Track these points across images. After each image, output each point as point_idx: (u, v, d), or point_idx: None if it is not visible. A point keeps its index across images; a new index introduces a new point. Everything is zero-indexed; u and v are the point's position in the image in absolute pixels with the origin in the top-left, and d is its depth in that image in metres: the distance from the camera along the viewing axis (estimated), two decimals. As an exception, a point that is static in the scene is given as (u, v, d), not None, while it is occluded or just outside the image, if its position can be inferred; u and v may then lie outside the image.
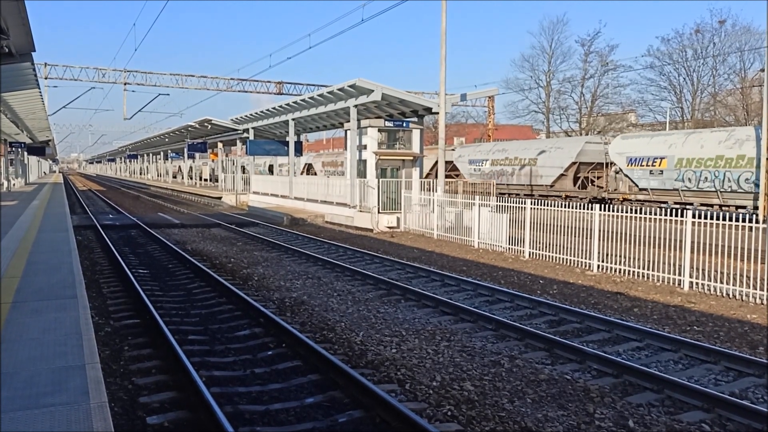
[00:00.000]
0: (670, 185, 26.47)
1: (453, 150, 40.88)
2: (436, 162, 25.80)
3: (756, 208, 22.25)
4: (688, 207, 18.59)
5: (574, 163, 32.16)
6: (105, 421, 3.84)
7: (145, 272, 13.12)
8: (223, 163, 53.82)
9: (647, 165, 27.38)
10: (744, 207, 23.34)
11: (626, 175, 28.72)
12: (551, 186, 32.93)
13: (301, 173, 47.63)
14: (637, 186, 28.04)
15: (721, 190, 24.60)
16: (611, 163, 29.93)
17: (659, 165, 26.75)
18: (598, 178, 31.51)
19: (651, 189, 27.43)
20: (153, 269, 13.58)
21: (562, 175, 32.50)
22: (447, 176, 28.20)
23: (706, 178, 25.03)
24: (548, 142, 36.80)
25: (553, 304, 9.94)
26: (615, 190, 29.62)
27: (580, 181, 32.25)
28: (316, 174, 47.61)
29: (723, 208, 23.80)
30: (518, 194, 28.16)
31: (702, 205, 24.56)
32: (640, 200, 27.07)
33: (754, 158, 23.06)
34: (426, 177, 27.11)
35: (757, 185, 22.56)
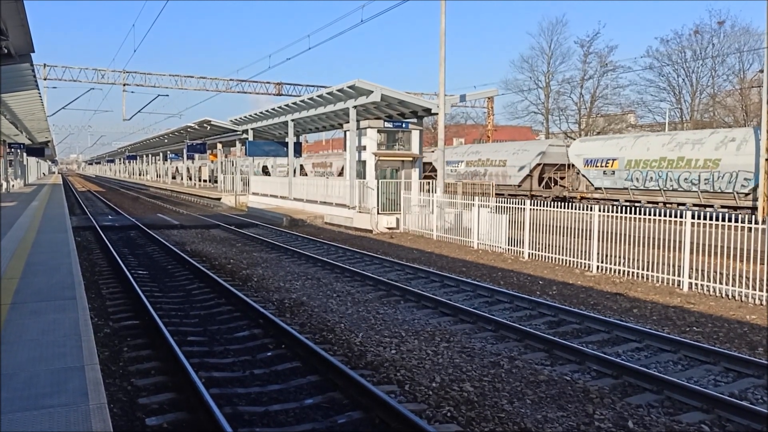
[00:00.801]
0: (621, 184, 28.57)
1: (432, 152, 42.03)
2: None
3: (696, 205, 24.47)
4: (636, 204, 20.17)
5: (538, 164, 34.37)
6: (104, 423, 3.84)
7: (144, 273, 13.11)
8: (222, 164, 53.80)
9: (601, 166, 29.80)
10: (684, 204, 25.16)
11: (584, 176, 30.92)
12: (519, 186, 34.78)
13: (294, 174, 47.89)
14: (593, 185, 30.16)
15: (664, 188, 26.69)
16: (572, 164, 31.92)
17: (611, 166, 29.06)
18: (562, 178, 33.35)
19: (605, 188, 29.58)
20: (152, 270, 13.57)
21: (528, 175, 34.61)
22: (427, 177, 30.01)
23: (651, 177, 27.10)
24: (516, 145, 38.74)
25: (553, 305, 9.94)
26: (575, 189, 31.53)
27: (544, 182, 34.30)
28: (306, 174, 48.08)
29: (666, 205, 25.68)
30: (489, 193, 29.17)
31: (648, 202, 26.30)
32: (595, 198, 29.13)
33: (692, 159, 25.54)
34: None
35: (694, 184, 25.29)
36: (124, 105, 44.26)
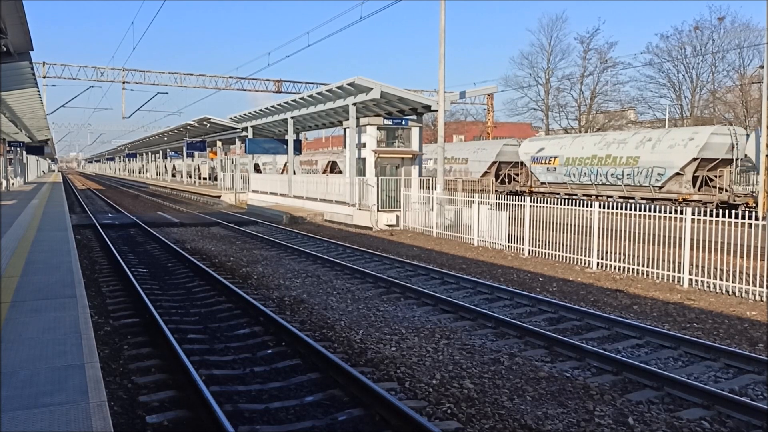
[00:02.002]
0: (561, 179, 31.98)
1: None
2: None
3: (621, 197, 27.31)
4: (573, 197, 23.41)
5: (495, 162, 38.20)
6: (104, 421, 3.83)
7: (144, 271, 13.11)
8: (222, 162, 53.79)
9: (545, 163, 33.19)
10: (611, 196, 28.35)
11: (531, 172, 34.49)
12: (479, 182, 36.87)
13: (282, 172, 48.28)
14: (539, 180, 33.45)
15: (596, 183, 30.00)
16: (522, 162, 35.74)
17: (553, 163, 32.41)
18: (517, 174, 36.92)
19: (548, 183, 32.83)
20: (152, 268, 13.57)
21: (486, 172, 37.96)
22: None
23: (585, 173, 30.53)
24: (476, 145, 42.90)
25: (553, 302, 9.94)
26: (525, 184, 34.88)
27: (500, 178, 37.78)
28: (294, 172, 48.40)
29: (598, 197, 28.35)
30: (455, 188, 31.68)
31: (584, 195, 29.48)
32: (541, 192, 31.85)
33: (617, 157, 28.86)
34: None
35: (619, 178, 28.65)
36: (123, 103, 44.29)
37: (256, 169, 52.56)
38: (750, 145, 24.68)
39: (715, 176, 26.04)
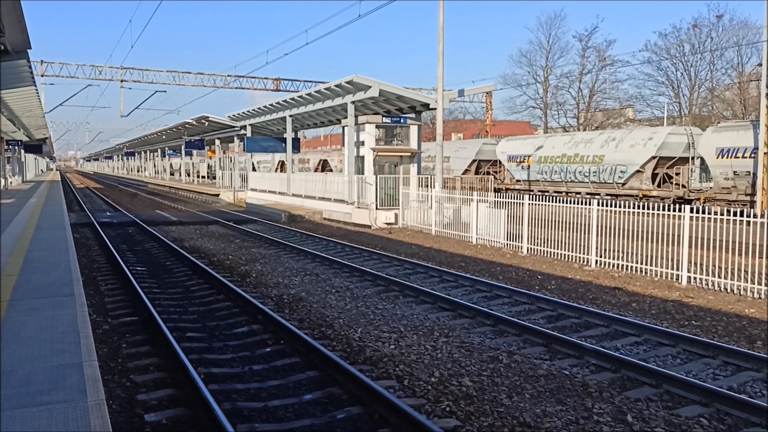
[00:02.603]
0: (534, 177, 33.70)
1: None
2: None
3: (588, 193, 28.85)
4: (546, 193, 25.20)
5: (474, 160, 39.62)
6: (102, 419, 3.83)
7: (142, 270, 13.10)
8: (220, 160, 53.75)
9: (519, 161, 35.18)
10: (579, 192, 29.67)
11: (507, 170, 36.36)
12: (460, 179, 39.06)
13: (276, 170, 48.57)
14: (515, 178, 35.19)
15: (566, 180, 31.72)
16: (500, 160, 37.51)
17: (527, 161, 34.30)
18: (496, 172, 37.82)
19: (522, 180, 34.55)
20: (151, 267, 13.56)
21: (466, 170, 39.22)
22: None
23: (555, 171, 32.31)
24: (458, 144, 44.85)
25: (552, 300, 9.94)
26: (503, 181, 36.36)
27: (480, 175, 37.78)
28: (286, 171, 49.03)
29: (567, 194, 28.88)
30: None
31: (555, 192, 30.39)
32: (516, 189, 33.56)
33: (585, 156, 30.54)
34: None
35: (586, 176, 30.42)
36: (122, 101, 44.20)
37: (253, 168, 52.72)
38: (702, 145, 25.67)
39: (675, 173, 27.39)
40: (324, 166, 51.61)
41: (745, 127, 24.26)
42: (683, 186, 26.80)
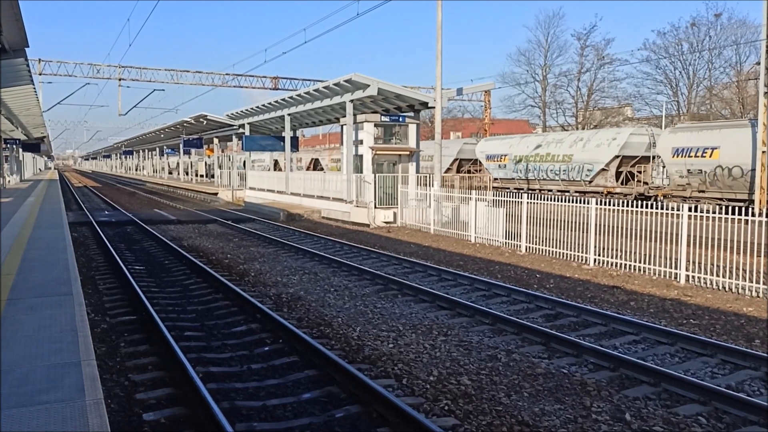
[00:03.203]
0: (510, 175, 35.43)
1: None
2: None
3: (559, 191, 29.76)
4: (520, 190, 27.23)
5: (456, 159, 41.11)
6: (101, 418, 3.82)
7: (141, 269, 13.09)
8: (219, 159, 53.69)
9: (497, 160, 36.87)
10: (551, 190, 30.88)
11: (486, 168, 37.94)
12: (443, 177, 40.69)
13: (269, 168, 48.76)
14: (493, 176, 35.41)
15: (539, 178, 33.26)
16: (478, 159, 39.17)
17: (503, 160, 36.04)
18: (477, 170, 39.32)
19: (500, 178, 35.76)
20: (149, 266, 13.55)
21: (448, 168, 39.91)
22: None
23: (529, 169, 34.00)
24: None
25: (550, 298, 9.94)
26: (482, 180, 38.93)
27: (462, 173, 38.98)
28: (281, 169, 49.37)
29: (540, 191, 30.70)
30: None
31: (529, 189, 32.19)
32: (495, 186, 33.33)
33: (555, 155, 32.23)
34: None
35: (557, 174, 32.00)
36: (119, 100, 44.05)
37: (245, 165, 52.98)
38: (660, 145, 26.76)
39: (639, 171, 29.11)
40: (315, 165, 52.10)
41: (698, 129, 25.83)
42: (645, 183, 28.30)
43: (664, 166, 27.22)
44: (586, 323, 8.84)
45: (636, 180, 28.95)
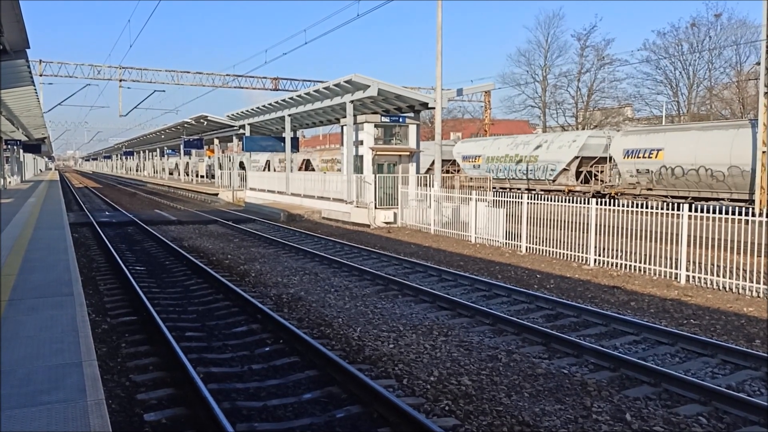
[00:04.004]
0: (483, 175, 35.21)
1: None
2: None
3: (527, 189, 31.63)
4: (494, 188, 26.49)
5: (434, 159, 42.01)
6: (102, 419, 3.83)
7: (141, 269, 13.10)
8: (219, 160, 53.71)
9: (471, 161, 38.90)
10: (519, 188, 32.82)
11: (462, 169, 39.75)
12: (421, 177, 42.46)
13: (264, 169, 48.90)
14: (468, 176, 36.62)
15: (509, 177, 35.42)
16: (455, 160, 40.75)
17: (477, 161, 38.15)
18: (456, 171, 40.26)
19: (474, 178, 35.83)
20: (150, 266, 13.56)
21: (429, 168, 40.50)
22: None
23: (500, 169, 36.19)
24: (422, 145, 50.46)
25: (550, 299, 9.95)
26: (458, 179, 38.65)
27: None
28: (275, 170, 50.45)
29: (510, 189, 32.64)
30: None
31: (501, 188, 33.01)
32: (471, 186, 37.79)
33: (523, 156, 34.48)
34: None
35: (524, 173, 34.07)
36: (120, 101, 44.06)
37: (242, 166, 53.11)
38: (613, 147, 29.02)
39: (598, 171, 31.13)
40: (307, 166, 52.53)
41: (646, 132, 28.46)
42: (602, 182, 30.37)
43: (616, 166, 29.13)
44: (587, 323, 8.84)
45: (595, 179, 31.00)
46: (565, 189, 30.65)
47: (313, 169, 49.21)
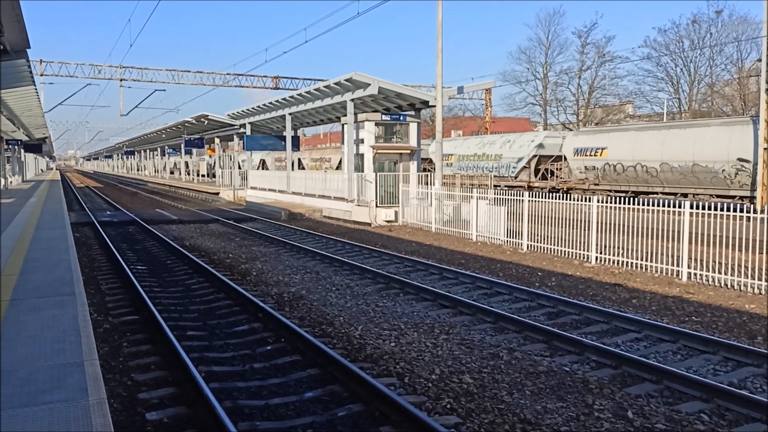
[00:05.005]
0: (454, 172, 36.72)
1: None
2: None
3: (494, 185, 33.27)
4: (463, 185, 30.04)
5: None
6: (104, 418, 3.83)
7: (143, 269, 13.11)
8: (220, 159, 53.72)
9: (444, 159, 39.32)
10: (486, 185, 34.69)
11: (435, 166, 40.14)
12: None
13: (258, 167, 49.17)
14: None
15: (477, 174, 34.47)
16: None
17: (449, 159, 39.21)
18: (432, 169, 44.43)
19: (447, 175, 41.98)
20: (151, 265, 13.56)
21: (425, 168, 47.82)
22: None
23: (469, 167, 37.78)
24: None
25: (552, 296, 9.95)
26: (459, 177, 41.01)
27: (418, 172, 43.97)
28: (268, 168, 50.86)
29: (480, 186, 34.93)
30: (453, 184, 37.41)
31: (470, 185, 36.78)
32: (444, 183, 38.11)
33: (489, 154, 37.06)
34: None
35: (490, 171, 34.29)
36: (121, 100, 44.15)
37: (240, 166, 53.36)
38: (565, 146, 31.53)
39: (557, 169, 33.11)
40: (299, 164, 52.72)
41: (593, 132, 31.06)
42: (558, 178, 32.63)
43: (568, 163, 31.50)
44: (588, 321, 8.84)
45: (552, 175, 33.29)
46: (525, 185, 32.88)
47: (303, 168, 49.65)
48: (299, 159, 51.79)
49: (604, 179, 28.81)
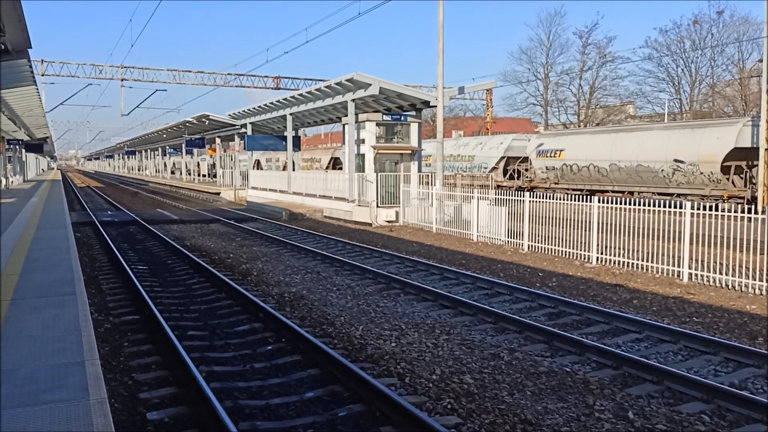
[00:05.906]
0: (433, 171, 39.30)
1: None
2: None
3: (470, 185, 32.95)
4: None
5: None
6: (105, 417, 3.84)
7: (144, 268, 13.12)
8: (221, 159, 53.76)
9: (424, 159, 40.17)
10: (487, 185, 34.23)
11: None
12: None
13: (253, 167, 49.35)
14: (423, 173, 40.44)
15: (452, 174, 36.79)
16: None
17: (428, 160, 38.93)
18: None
19: (447, 175, 41.29)
20: (152, 265, 13.57)
21: None
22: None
23: (446, 168, 36.37)
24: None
25: (553, 297, 9.94)
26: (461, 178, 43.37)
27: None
28: (262, 168, 51.37)
29: (455, 184, 33.41)
30: (454, 184, 39.62)
31: (470, 185, 37.86)
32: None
33: (463, 155, 39.04)
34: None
35: (465, 170, 37.55)
36: (122, 100, 44.18)
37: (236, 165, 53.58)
38: (529, 148, 33.47)
39: (524, 169, 34.86)
40: (292, 164, 53.33)
41: (554, 135, 33.57)
42: (525, 177, 34.45)
43: (532, 164, 33.37)
44: (589, 321, 8.84)
45: (519, 176, 35.13)
46: (495, 184, 34.10)
47: (294, 168, 50.18)
48: (293, 160, 52.07)
49: (563, 179, 30.68)
